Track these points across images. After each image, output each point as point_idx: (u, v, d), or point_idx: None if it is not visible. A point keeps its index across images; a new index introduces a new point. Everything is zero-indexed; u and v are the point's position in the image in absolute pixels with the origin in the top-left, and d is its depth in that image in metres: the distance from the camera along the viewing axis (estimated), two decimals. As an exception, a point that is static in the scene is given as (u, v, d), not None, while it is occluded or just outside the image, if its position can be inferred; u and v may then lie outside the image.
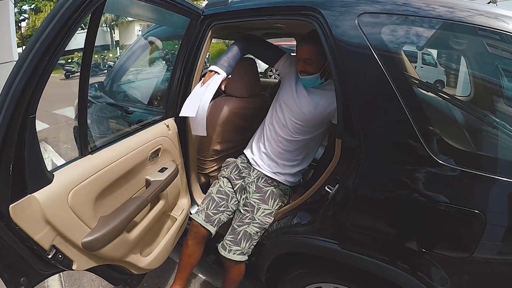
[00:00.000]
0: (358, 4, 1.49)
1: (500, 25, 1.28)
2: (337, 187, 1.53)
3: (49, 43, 1.01)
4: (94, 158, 1.32)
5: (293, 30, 3.07)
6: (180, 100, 2.02)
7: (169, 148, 1.84)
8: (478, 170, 1.25)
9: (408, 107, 1.32)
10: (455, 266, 1.30)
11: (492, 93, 1.51)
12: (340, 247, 1.50)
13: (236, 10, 1.91)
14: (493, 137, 1.39)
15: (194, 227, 1.91)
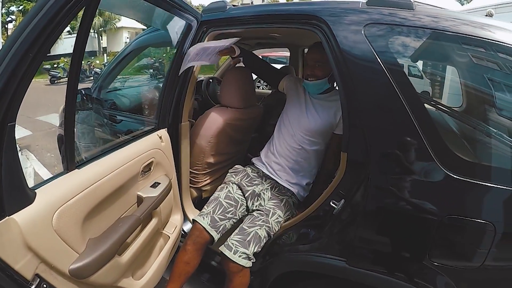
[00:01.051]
0: (363, 14, 1.44)
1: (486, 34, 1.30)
2: (343, 203, 1.46)
3: (34, 37, 0.86)
4: (82, 173, 1.16)
5: (288, 40, 3.00)
6: (173, 109, 1.90)
7: (162, 161, 1.70)
8: (487, 181, 1.24)
9: (417, 120, 1.28)
10: (466, 277, 1.29)
11: (485, 102, 1.48)
12: (348, 264, 1.44)
13: (236, 17, 1.82)
14: (493, 146, 1.39)
15: (196, 231, 1.74)
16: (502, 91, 1.46)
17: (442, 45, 1.43)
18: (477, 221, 1.23)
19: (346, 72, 1.43)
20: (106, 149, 1.39)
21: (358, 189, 1.42)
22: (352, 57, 1.42)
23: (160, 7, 1.49)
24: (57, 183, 1.08)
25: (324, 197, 1.59)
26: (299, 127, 1.93)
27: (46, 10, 0.87)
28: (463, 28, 1.33)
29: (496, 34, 1.31)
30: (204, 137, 2.10)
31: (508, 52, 1.33)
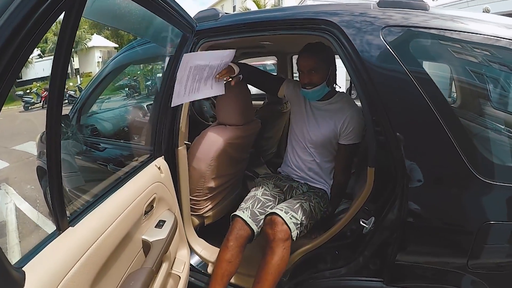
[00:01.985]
0: (378, 17, 1.34)
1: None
2: (374, 221, 1.36)
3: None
4: (77, 231, 0.91)
5: (277, 47, 2.83)
6: (168, 133, 1.68)
7: (164, 195, 1.47)
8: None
9: (448, 127, 1.22)
10: (502, 282, 1.27)
11: (480, 97, 1.44)
12: (386, 284, 1.36)
13: (234, 24, 1.62)
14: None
15: (238, 225, 1.63)
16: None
17: (463, 46, 1.34)
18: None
19: (368, 80, 1.31)
20: (102, 193, 1.14)
21: (392, 205, 1.32)
22: (374, 65, 1.30)
23: (154, 12, 1.23)
24: (49, 251, 0.82)
25: (351, 216, 1.49)
26: (304, 140, 1.87)
27: (9, 14, 0.60)
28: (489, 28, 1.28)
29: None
30: (203, 160, 1.88)
31: None
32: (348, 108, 1.78)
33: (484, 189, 1.22)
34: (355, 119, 1.75)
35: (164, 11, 1.21)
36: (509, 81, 1.41)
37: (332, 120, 1.80)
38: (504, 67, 1.39)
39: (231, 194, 2.28)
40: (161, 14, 1.23)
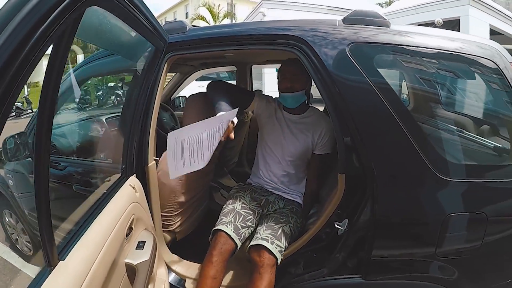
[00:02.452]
0: (344, 34, 1.43)
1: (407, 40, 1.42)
2: (347, 222, 1.44)
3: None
4: (69, 265, 0.84)
5: (238, 58, 2.84)
6: (137, 150, 1.61)
7: (141, 215, 1.41)
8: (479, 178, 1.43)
9: (408, 130, 1.34)
10: (466, 263, 1.42)
11: (430, 100, 1.63)
12: (364, 279, 1.44)
13: (201, 39, 1.60)
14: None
15: (222, 239, 1.60)
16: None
17: (419, 58, 1.48)
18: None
19: (336, 92, 1.39)
20: (83, 219, 1.07)
21: (364, 207, 1.41)
22: (341, 78, 1.39)
23: (133, 27, 1.16)
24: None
25: (325, 220, 1.55)
26: (282, 153, 1.89)
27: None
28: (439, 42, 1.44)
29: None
30: None
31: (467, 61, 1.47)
32: (323, 121, 1.89)
33: (443, 186, 1.35)
34: (330, 130, 1.84)
35: (142, 25, 1.16)
36: (456, 86, 1.57)
37: (310, 132, 1.87)
38: (451, 74, 1.55)
39: (200, 206, 2.25)
40: (138, 28, 1.17)
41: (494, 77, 1.46)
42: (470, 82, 1.67)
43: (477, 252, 1.39)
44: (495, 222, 1.39)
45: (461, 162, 1.48)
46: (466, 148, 1.56)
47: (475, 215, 1.38)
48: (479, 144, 1.61)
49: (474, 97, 1.77)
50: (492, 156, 1.63)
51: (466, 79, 1.65)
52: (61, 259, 0.85)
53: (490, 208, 1.38)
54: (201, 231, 2.14)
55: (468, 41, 1.45)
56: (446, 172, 1.35)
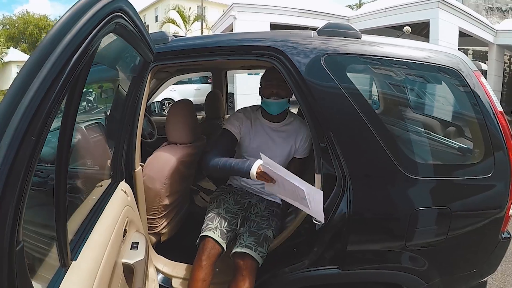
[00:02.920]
0: (319, 45, 1.55)
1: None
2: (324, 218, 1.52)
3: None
4: (81, 265, 0.93)
5: (214, 64, 2.93)
6: (126, 156, 1.67)
7: (133, 218, 1.49)
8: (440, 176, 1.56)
9: (376, 132, 1.48)
10: (434, 254, 1.57)
11: (399, 105, 1.80)
12: (341, 270, 1.56)
13: (183, 49, 1.68)
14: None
15: (209, 244, 1.67)
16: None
17: (389, 67, 1.64)
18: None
19: (312, 100, 1.51)
20: (86, 223, 1.14)
21: (339, 203, 1.52)
22: (316, 85, 1.51)
23: (128, 40, 1.21)
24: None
25: (303, 217, 1.68)
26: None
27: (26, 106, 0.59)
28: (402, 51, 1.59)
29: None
30: (158, 179, 1.92)
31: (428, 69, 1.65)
32: (303, 127, 1.97)
33: (410, 183, 1.51)
34: (309, 135, 1.92)
35: (137, 39, 1.23)
36: (424, 92, 1.76)
37: (291, 139, 1.97)
38: (419, 80, 1.75)
39: (182, 209, 2.33)
40: (133, 43, 1.24)
41: (458, 83, 1.61)
42: (437, 88, 1.85)
43: (443, 244, 1.55)
44: (459, 216, 1.55)
45: (427, 161, 1.65)
46: (432, 149, 1.73)
47: (440, 210, 1.54)
48: (445, 145, 1.79)
49: (441, 102, 1.95)
50: (456, 156, 1.81)
51: (433, 85, 1.83)
52: (73, 260, 0.92)
53: (454, 204, 1.54)
54: (184, 233, 2.23)
55: (436, 51, 1.63)
56: (413, 171, 1.50)
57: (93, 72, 2.01)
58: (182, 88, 12.48)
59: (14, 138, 0.53)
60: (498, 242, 1.65)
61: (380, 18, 11.59)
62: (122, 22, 0.96)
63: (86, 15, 0.72)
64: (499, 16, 14.10)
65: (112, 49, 1.45)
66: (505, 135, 1.55)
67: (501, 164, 1.55)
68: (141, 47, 1.34)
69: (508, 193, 1.57)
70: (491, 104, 1.56)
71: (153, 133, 3.19)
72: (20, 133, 0.53)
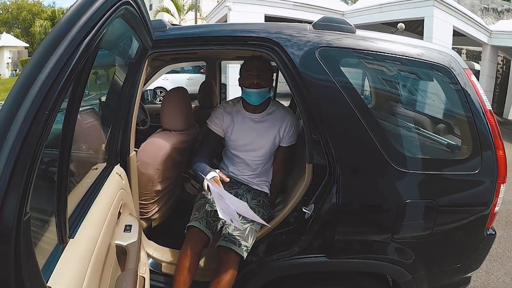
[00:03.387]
0: (314, 38, 1.58)
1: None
2: (313, 207, 1.58)
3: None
4: (78, 243, 0.97)
5: (208, 54, 2.94)
6: (121, 140, 1.70)
7: (127, 201, 1.53)
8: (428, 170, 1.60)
9: (368, 125, 1.53)
10: (420, 247, 1.62)
11: (390, 100, 1.85)
12: (329, 258, 1.60)
13: (181, 38, 1.72)
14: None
15: (195, 234, 1.74)
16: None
17: (382, 62, 1.69)
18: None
19: (305, 91, 1.55)
20: (82, 203, 1.17)
21: (329, 194, 1.57)
22: (310, 78, 1.55)
23: (132, 26, 1.24)
24: (64, 264, 0.87)
25: (293, 205, 1.69)
26: (250, 154, 1.99)
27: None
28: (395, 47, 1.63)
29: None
30: (151, 165, 1.95)
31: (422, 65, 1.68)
32: (286, 114, 2.01)
33: (398, 176, 1.56)
34: (294, 122, 1.99)
35: (140, 25, 1.25)
36: (416, 87, 1.82)
37: (275, 128, 1.97)
38: (411, 77, 1.79)
39: (173, 196, 2.37)
40: (135, 28, 1.26)
41: (449, 81, 1.66)
42: (428, 85, 1.89)
43: (429, 237, 1.60)
44: (445, 210, 1.60)
45: (416, 155, 1.70)
46: (421, 144, 1.78)
47: (426, 203, 1.60)
48: (434, 141, 1.85)
49: (432, 99, 2.00)
50: (445, 152, 1.86)
51: (424, 82, 1.88)
52: (71, 237, 0.95)
53: (440, 198, 1.59)
54: (174, 219, 2.27)
55: (429, 49, 1.67)
56: (401, 164, 1.56)
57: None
58: (175, 77, 12.42)
59: (30, 111, 0.56)
60: (483, 239, 1.70)
61: (375, 14, 11.64)
62: (130, 8, 0.98)
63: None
64: (494, 17, 14.20)
65: (113, 35, 1.47)
66: (493, 133, 1.60)
67: (488, 162, 1.59)
68: (143, 34, 1.36)
69: (494, 190, 1.61)
70: (480, 103, 1.61)
71: (146, 121, 3.21)
72: (35, 107, 0.57)
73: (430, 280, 1.71)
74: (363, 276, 1.76)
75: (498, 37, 12.28)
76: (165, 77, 11.89)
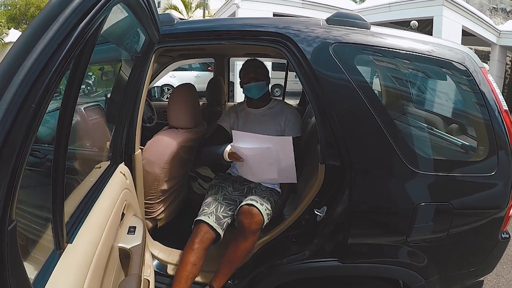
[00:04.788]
0: (328, 33, 1.51)
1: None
2: (326, 209, 1.51)
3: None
4: (77, 248, 0.89)
5: (216, 51, 2.87)
6: (125, 139, 1.62)
7: (132, 201, 1.45)
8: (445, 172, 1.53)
9: (384, 125, 1.45)
10: (434, 251, 1.55)
11: (403, 98, 1.74)
12: (341, 262, 1.52)
13: (189, 32, 1.65)
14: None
15: (203, 229, 1.69)
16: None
17: (396, 59, 1.60)
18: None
19: (319, 88, 1.47)
20: (83, 204, 1.09)
21: (342, 195, 1.49)
22: (324, 75, 1.47)
23: (139, 18, 1.17)
24: (60, 272, 0.79)
25: (305, 207, 1.62)
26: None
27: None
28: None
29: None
30: (157, 164, 1.88)
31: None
32: (286, 108, 2.09)
33: (415, 178, 1.48)
34: (294, 115, 2.02)
35: (146, 16, 1.17)
36: (427, 86, 1.71)
37: (276, 121, 2.02)
38: (423, 75, 1.70)
39: (179, 195, 2.30)
40: (142, 19, 1.18)
41: (464, 79, 1.58)
42: (443, 84, 1.80)
43: (444, 241, 1.52)
44: (461, 213, 1.53)
45: (431, 157, 1.62)
46: (437, 145, 1.70)
47: (442, 206, 1.51)
48: (449, 142, 1.75)
49: (445, 98, 1.91)
50: (461, 153, 1.76)
51: (440, 80, 1.78)
52: (69, 242, 0.88)
53: (456, 200, 1.51)
54: (180, 219, 2.20)
55: (447, 47, 1.58)
56: (418, 165, 1.47)
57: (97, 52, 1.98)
58: (182, 74, 12.36)
59: (12, 103, 0.47)
60: (497, 242, 1.63)
61: (384, 13, 11.53)
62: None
63: None
64: (503, 17, 13.97)
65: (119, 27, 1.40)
66: (509, 134, 1.52)
67: (504, 163, 1.52)
68: (150, 26, 1.29)
69: (510, 192, 1.54)
70: (497, 103, 1.53)
71: (153, 118, 3.14)
72: (18, 99, 0.48)
73: (442, 285, 1.63)
74: (375, 281, 1.68)
75: (507, 37, 12.09)
76: (172, 75, 11.84)
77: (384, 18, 11.38)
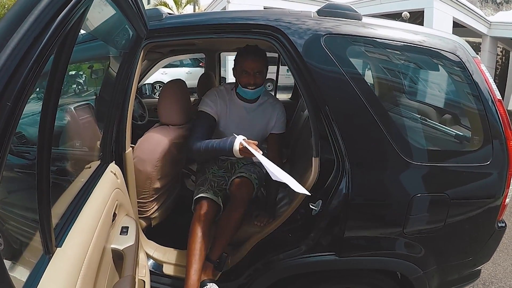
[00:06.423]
0: (319, 25, 1.49)
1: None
2: (321, 203, 1.50)
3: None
4: (67, 252, 0.86)
5: (207, 46, 2.83)
6: (115, 137, 1.59)
7: (123, 201, 1.42)
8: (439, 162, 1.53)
9: (378, 117, 1.44)
10: (431, 241, 1.55)
11: (396, 90, 1.73)
12: (338, 256, 1.51)
13: (178, 26, 1.61)
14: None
15: (204, 204, 1.73)
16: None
17: (387, 50, 1.58)
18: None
19: (311, 81, 1.45)
20: (73, 206, 1.06)
21: (337, 188, 1.48)
22: (316, 68, 1.46)
23: (123, 11, 1.11)
24: (49, 278, 0.76)
25: (299, 201, 1.60)
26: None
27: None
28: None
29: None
30: (149, 162, 1.84)
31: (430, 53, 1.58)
32: (276, 103, 2.07)
33: (410, 169, 1.47)
34: (283, 113, 2.03)
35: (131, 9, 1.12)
36: (419, 77, 1.72)
37: (267, 116, 2.02)
38: (416, 65, 1.69)
39: (173, 193, 2.28)
40: (126, 12, 1.13)
41: (457, 70, 1.57)
42: (434, 74, 1.79)
43: (441, 231, 1.53)
44: (457, 203, 1.53)
45: (426, 147, 1.62)
46: (432, 135, 1.69)
47: (438, 196, 1.51)
48: (444, 132, 1.75)
49: (438, 88, 1.90)
50: (456, 143, 1.77)
51: (434, 71, 1.77)
52: (58, 246, 0.85)
53: (452, 190, 1.51)
54: (175, 217, 2.17)
55: (439, 37, 1.58)
56: (413, 156, 1.47)
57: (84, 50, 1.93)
58: (173, 71, 12.22)
59: None
60: (494, 231, 1.64)
61: (375, 6, 11.51)
62: None
63: None
64: (493, 8, 14.02)
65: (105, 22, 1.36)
66: (503, 124, 1.52)
67: (499, 152, 1.52)
68: (136, 20, 1.24)
69: (505, 181, 1.55)
70: (490, 92, 1.53)
71: (144, 116, 3.10)
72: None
73: (440, 275, 1.64)
74: (372, 274, 1.68)
75: (497, 28, 12.11)
76: (163, 71, 11.73)
77: (375, 11, 11.33)
